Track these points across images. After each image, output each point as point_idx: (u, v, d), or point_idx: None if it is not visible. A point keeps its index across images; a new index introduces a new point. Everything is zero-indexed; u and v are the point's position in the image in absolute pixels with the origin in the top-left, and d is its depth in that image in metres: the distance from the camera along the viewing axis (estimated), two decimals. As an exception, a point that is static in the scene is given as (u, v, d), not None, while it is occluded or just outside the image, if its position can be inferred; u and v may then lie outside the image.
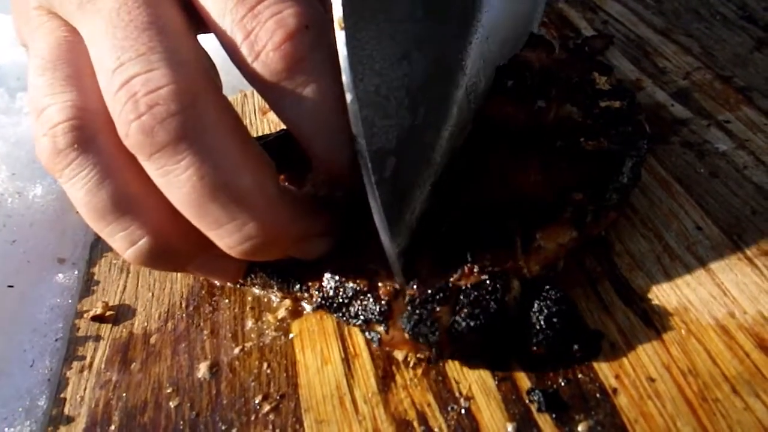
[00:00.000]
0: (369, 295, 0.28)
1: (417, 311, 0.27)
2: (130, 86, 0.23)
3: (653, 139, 0.34)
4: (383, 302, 0.28)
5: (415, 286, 0.27)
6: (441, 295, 0.27)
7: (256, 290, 0.34)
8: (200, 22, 0.26)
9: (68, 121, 0.25)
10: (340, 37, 0.22)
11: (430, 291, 0.27)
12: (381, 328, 0.28)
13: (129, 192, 0.26)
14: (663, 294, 0.29)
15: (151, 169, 0.24)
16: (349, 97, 0.23)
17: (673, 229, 0.31)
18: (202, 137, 0.24)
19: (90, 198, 0.26)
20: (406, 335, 0.27)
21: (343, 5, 0.22)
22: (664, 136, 0.36)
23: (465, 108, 0.32)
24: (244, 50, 0.24)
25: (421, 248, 0.28)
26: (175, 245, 0.27)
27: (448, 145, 0.30)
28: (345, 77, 0.22)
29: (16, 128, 0.48)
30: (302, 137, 0.26)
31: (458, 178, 0.31)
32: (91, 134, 0.26)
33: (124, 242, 0.27)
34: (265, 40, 0.24)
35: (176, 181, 0.24)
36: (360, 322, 0.29)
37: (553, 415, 0.26)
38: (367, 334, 0.29)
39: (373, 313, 0.28)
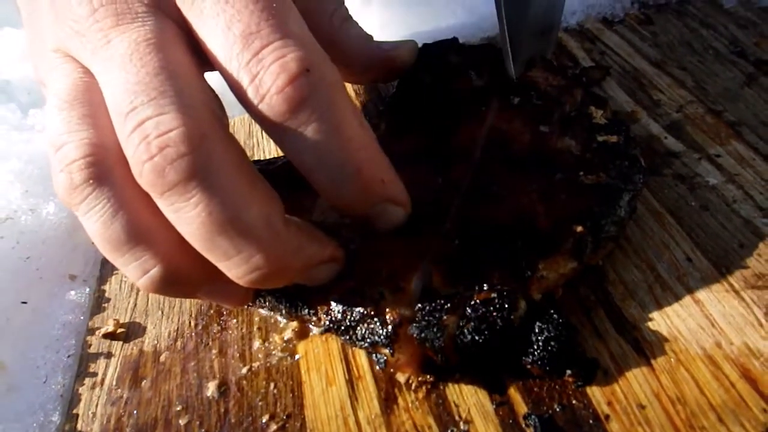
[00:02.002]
0: (376, 318, 0.30)
1: (426, 318, 0.28)
2: (143, 129, 0.25)
3: (647, 171, 0.36)
4: (389, 327, 0.29)
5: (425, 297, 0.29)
6: (449, 304, 0.28)
7: (264, 311, 0.36)
8: (207, 61, 0.28)
9: (84, 158, 0.27)
10: None
11: (439, 300, 0.29)
12: (387, 351, 0.29)
13: (141, 224, 0.27)
14: (654, 323, 0.30)
15: (163, 205, 0.26)
16: None
17: (665, 259, 0.33)
18: (209, 176, 0.25)
19: (104, 230, 0.27)
20: (415, 338, 0.28)
21: None
22: (657, 168, 0.38)
23: None
24: (250, 93, 0.26)
25: (433, 261, 0.30)
26: (185, 274, 0.29)
27: None
28: None
29: (29, 145, 0.50)
30: (306, 172, 0.28)
31: (467, 198, 0.32)
32: (105, 170, 0.27)
33: (137, 271, 0.28)
34: (269, 84, 0.26)
35: (186, 218, 0.26)
36: (366, 344, 0.30)
37: (549, 440, 0.27)
38: (373, 356, 0.31)
39: (379, 336, 0.29)
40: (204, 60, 0.28)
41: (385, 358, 0.30)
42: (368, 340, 0.29)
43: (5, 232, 0.42)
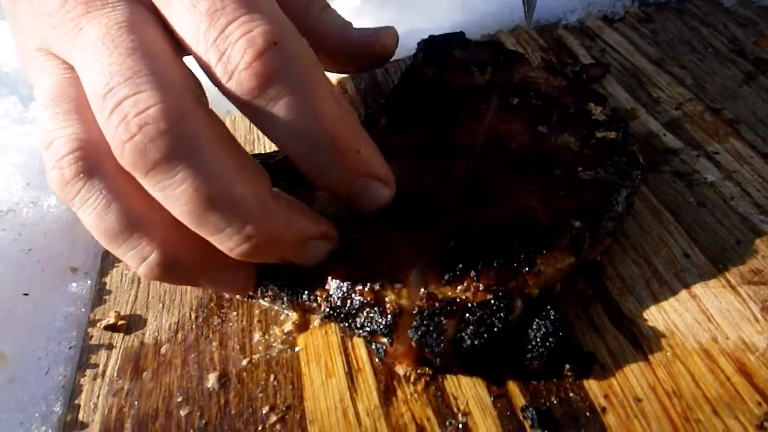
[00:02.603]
0: (375, 308, 0.30)
1: (424, 323, 0.29)
2: (121, 109, 0.25)
3: (646, 168, 0.36)
4: (389, 316, 0.29)
5: (423, 299, 0.29)
6: (447, 309, 0.29)
7: (265, 302, 0.36)
8: (181, 47, 0.28)
9: (72, 152, 0.27)
10: None
11: (437, 305, 0.29)
12: (385, 340, 0.30)
13: (135, 212, 0.28)
14: (651, 318, 0.30)
15: (149, 185, 0.26)
16: None
17: (663, 255, 0.33)
18: (193, 151, 0.25)
19: (100, 222, 0.28)
20: (413, 344, 0.29)
21: None
22: (655, 164, 0.38)
23: None
24: (219, 71, 0.26)
25: (432, 262, 0.30)
26: (183, 258, 0.29)
27: None
28: None
29: (30, 138, 0.50)
30: (283, 148, 0.28)
31: (466, 195, 0.33)
32: (94, 163, 0.27)
33: (136, 259, 0.28)
34: (236, 60, 0.25)
35: (173, 195, 0.26)
36: (365, 333, 0.30)
37: (546, 432, 0.27)
38: (372, 345, 0.31)
39: (378, 326, 0.30)
40: (179, 46, 0.28)
41: (385, 347, 0.30)
42: (367, 328, 0.30)
43: (7, 224, 0.42)
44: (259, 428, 0.30)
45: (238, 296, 0.36)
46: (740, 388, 0.27)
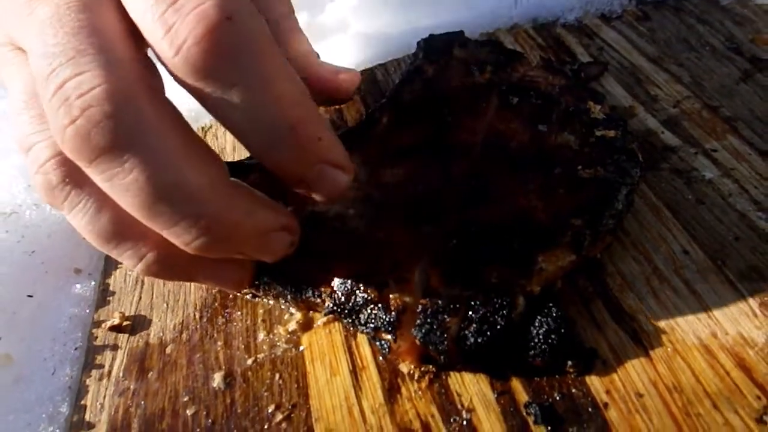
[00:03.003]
0: (379, 305, 0.30)
1: (428, 321, 0.29)
2: (63, 91, 0.23)
3: (644, 165, 0.36)
4: (393, 313, 0.30)
5: (426, 297, 0.30)
6: (451, 306, 0.29)
7: (268, 301, 0.36)
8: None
9: (55, 156, 0.26)
10: None
11: (440, 302, 0.29)
12: (389, 337, 0.30)
13: (127, 214, 0.26)
14: (652, 314, 0.31)
15: (95, 175, 0.24)
16: None
17: (662, 252, 0.33)
18: (142, 138, 0.23)
19: (93, 226, 0.27)
20: (417, 342, 0.29)
21: None
22: (654, 162, 0.39)
23: None
24: (165, 46, 0.23)
25: (434, 260, 0.31)
26: (180, 254, 0.28)
27: None
28: None
29: (31, 140, 0.50)
30: (235, 134, 0.26)
31: (466, 194, 0.33)
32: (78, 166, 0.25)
33: (133, 259, 0.28)
34: (185, 34, 0.23)
35: (121, 185, 0.24)
36: (369, 329, 0.30)
37: (549, 428, 0.27)
38: (376, 342, 0.31)
39: (382, 322, 0.30)
40: (137, 32, 0.26)
41: (389, 344, 0.30)
42: (371, 324, 0.30)
43: (10, 226, 0.43)
44: (266, 427, 0.31)
45: (239, 292, 0.37)
46: (739, 383, 0.27)
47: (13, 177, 0.45)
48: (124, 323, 0.38)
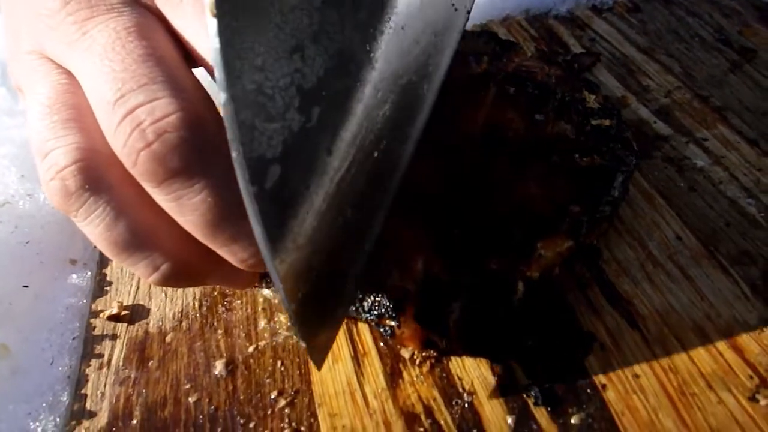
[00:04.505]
0: (382, 292, 0.31)
1: (429, 306, 0.29)
2: (134, 116, 0.24)
3: (639, 154, 0.37)
4: (395, 300, 0.30)
5: (429, 283, 0.30)
6: (452, 292, 0.30)
7: (268, 292, 0.36)
8: (188, 56, 0.27)
9: (76, 163, 0.26)
10: (212, 24, 0.19)
11: (442, 289, 0.30)
12: (393, 323, 0.30)
13: (144, 222, 0.27)
14: (647, 298, 0.32)
15: (161, 194, 0.25)
16: (223, 97, 0.19)
17: (656, 238, 0.34)
18: (212, 159, 0.24)
19: (109, 234, 0.27)
20: (419, 327, 0.30)
21: None
22: (647, 151, 0.39)
23: (372, 105, 0.27)
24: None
25: (436, 248, 0.31)
26: (195, 264, 0.28)
27: (351, 149, 0.26)
28: (218, 73, 0.19)
29: (22, 130, 0.49)
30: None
31: (466, 187, 0.33)
32: (99, 173, 0.26)
33: (148, 269, 0.28)
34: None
35: (190, 204, 0.25)
36: (373, 316, 0.31)
37: (549, 409, 0.28)
38: (379, 328, 0.32)
39: (385, 309, 0.30)
40: (186, 53, 0.27)
41: (392, 329, 0.31)
42: (375, 312, 0.30)
43: (3, 216, 0.42)
44: (269, 412, 0.31)
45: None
46: (733, 363, 0.28)
47: (5, 167, 0.45)
48: (123, 313, 0.38)
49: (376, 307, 0.31)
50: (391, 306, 0.30)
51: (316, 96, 0.24)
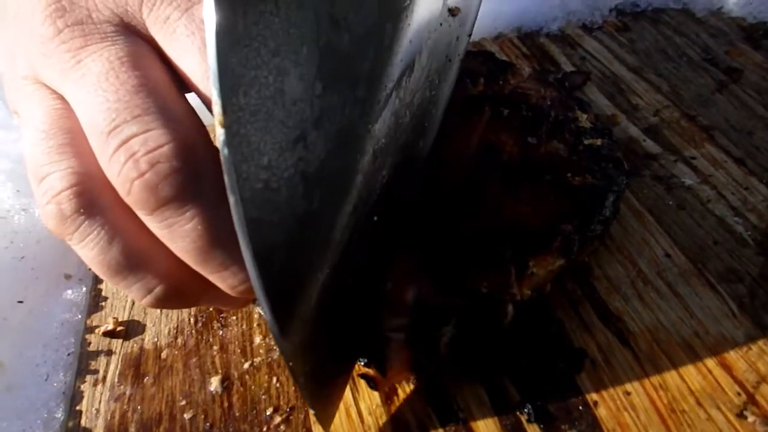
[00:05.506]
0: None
1: (419, 331, 0.30)
2: (128, 147, 0.24)
3: (630, 173, 0.38)
4: (378, 347, 0.31)
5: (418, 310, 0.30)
6: (442, 316, 0.30)
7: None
8: (181, 82, 0.28)
9: (71, 187, 0.26)
10: (220, 134, 0.20)
11: (431, 313, 0.30)
12: (376, 372, 0.31)
13: (137, 246, 0.27)
14: (637, 315, 0.32)
15: (154, 222, 0.26)
16: (232, 199, 0.20)
17: (646, 256, 0.35)
18: (202, 188, 0.25)
19: (103, 257, 0.27)
20: (409, 352, 0.30)
21: (222, 100, 0.20)
22: (637, 169, 0.40)
23: (371, 171, 0.28)
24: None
25: (424, 270, 0.31)
26: (188, 287, 0.29)
27: (351, 220, 0.27)
28: (227, 179, 0.20)
29: (17, 145, 0.49)
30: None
31: (457, 207, 0.34)
32: (93, 198, 0.27)
33: (141, 292, 0.28)
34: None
35: (181, 232, 0.25)
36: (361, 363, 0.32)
37: (542, 426, 0.29)
38: (361, 378, 0.32)
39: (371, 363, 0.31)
40: (180, 81, 0.28)
41: (374, 381, 0.31)
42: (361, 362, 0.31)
43: (-2, 231, 0.42)
44: (264, 429, 0.31)
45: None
46: (721, 380, 0.29)
47: (1, 182, 0.45)
48: (118, 328, 0.38)
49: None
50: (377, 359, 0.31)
51: (319, 179, 0.24)
